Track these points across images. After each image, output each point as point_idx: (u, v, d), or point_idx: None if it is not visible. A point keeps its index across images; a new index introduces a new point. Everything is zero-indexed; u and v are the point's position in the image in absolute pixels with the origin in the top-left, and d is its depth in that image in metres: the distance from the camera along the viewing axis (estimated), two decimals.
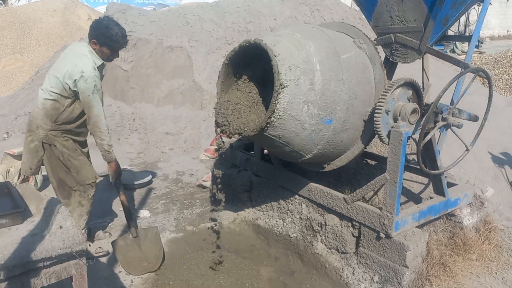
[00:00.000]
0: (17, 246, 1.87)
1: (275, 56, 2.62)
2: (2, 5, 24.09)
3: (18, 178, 4.36)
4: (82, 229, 3.39)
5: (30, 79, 8.24)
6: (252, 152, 4.14)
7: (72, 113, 3.24)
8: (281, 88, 2.60)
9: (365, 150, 3.44)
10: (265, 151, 3.87)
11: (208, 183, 4.84)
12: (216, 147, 3.19)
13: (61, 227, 2.03)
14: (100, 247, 3.52)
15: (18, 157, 4.40)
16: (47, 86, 3.18)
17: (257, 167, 3.95)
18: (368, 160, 4.06)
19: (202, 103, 7.16)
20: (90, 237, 3.65)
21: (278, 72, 2.59)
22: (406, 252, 2.81)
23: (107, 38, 3.16)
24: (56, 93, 3.15)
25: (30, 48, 10.11)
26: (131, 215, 3.52)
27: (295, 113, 2.69)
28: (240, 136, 2.97)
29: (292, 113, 2.68)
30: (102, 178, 5.03)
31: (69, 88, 3.12)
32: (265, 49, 2.67)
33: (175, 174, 5.39)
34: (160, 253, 3.39)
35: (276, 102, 2.61)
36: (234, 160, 4.25)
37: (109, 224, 4.01)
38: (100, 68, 3.24)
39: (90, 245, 3.55)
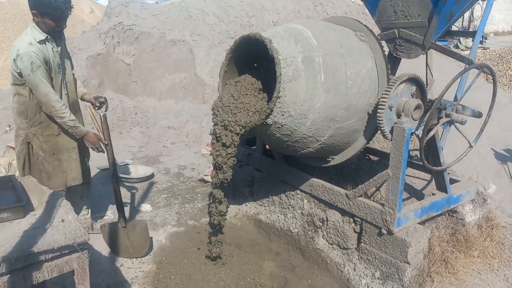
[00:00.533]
0: (19, 239, 1.87)
1: (275, 48, 2.63)
2: None
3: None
4: None
5: None
6: (254, 147, 4.13)
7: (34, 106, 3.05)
8: (283, 78, 2.61)
9: (367, 145, 3.43)
10: (267, 146, 3.86)
11: (209, 178, 4.84)
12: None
13: (63, 220, 2.03)
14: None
15: None
16: (11, 82, 3.07)
17: (258, 162, 3.95)
18: (371, 156, 4.04)
19: (204, 97, 7.14)
20: None
21: (279, 62, 2.59)
22: (408, 248, 2.80)
23: (46, 6, 2.84)
24: (14, 84, 3.01)
25: None
26: (122, 205, 3.51)
27: (297, 104, 2.69)
28: (242, 131, 2.95)
29: (294, 103, 2.67)
30: (98, 171, 5.04)
31: (16, 73, 2.92)
32: (263, 40, 2.67)
33: (176, 168, 5.39)
34: (146, 244, 3.42)
35: (278, 92, 2.61)
36: (235, 155, 4.23)
37: (111, 218, 4.01)
38: (45, 42, 2.96)
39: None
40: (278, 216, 3.64)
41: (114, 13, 7.54)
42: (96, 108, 3.46)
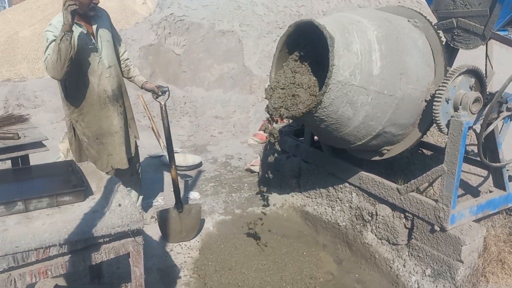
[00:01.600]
0: (80, 222, 1.96)
1: (330, 36, 2.59)
2: None
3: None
4: None
5: None
6: (302, 138, 4.11)
7: (73, 80, 3.05)
8: (336, 50, 2.56)
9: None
10: (315, 137, 3.83)
11: (256, 168, 4.88)
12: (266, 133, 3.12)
13: (119, 205, 2.11)
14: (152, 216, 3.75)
15: None
16: None
17: (306, 154, 3.93)
18: (424, 150, 3.91)
19: (252, 87, 7.18)
20: None
21: (333, 50, 2.56)
22: (462, 246, 2.70)
23: None
24: None
25: None
26: (179, 190, 3.60)
27: (350, 94, 2.64)
28: (291, 119, 2.93)
29: (347, 93, 2.63)
30: (149, 158, 5.20)
31: None
32: (319, 27, 2.63)
33: (224, 158, 5.47)
34: (197, 227, 3.55)
35: (330, 81, 2.57)
36: (283, 146, 4.24)
37: (161, 205, 4.14)
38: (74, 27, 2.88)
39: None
40: (325, 209, 3.62)
41: (166, 4, 7.70)
42: (157, 97, 3.50)
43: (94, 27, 3.11)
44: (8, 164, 3.62)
